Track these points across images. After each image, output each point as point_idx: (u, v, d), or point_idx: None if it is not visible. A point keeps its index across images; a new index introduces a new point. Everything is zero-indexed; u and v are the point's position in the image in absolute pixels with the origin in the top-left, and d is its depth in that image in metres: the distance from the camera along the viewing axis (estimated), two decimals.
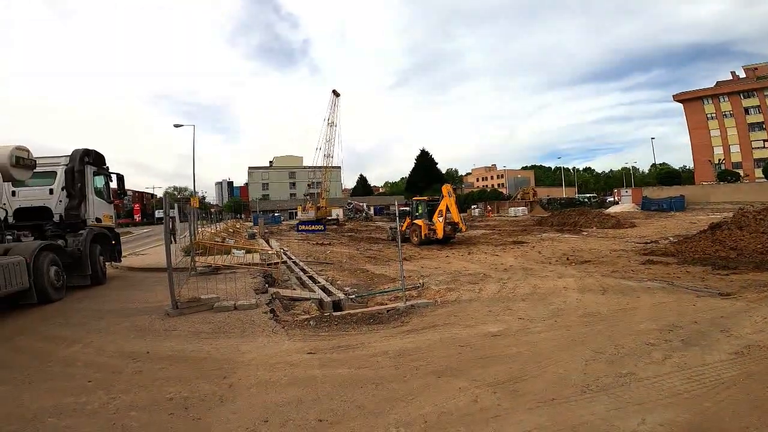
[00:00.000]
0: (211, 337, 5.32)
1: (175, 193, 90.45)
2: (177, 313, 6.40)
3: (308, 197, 55.85)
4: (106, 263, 10.58)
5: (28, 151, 8.05)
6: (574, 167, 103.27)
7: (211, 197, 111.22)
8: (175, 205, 10.83)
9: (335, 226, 37.92)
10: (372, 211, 62.11)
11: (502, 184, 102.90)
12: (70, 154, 9.62)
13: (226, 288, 7.71)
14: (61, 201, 9.37)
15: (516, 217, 43.54)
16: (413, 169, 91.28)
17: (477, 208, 57.00)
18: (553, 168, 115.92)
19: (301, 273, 11.39)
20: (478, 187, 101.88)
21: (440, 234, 17.92)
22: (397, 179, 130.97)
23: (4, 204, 8.34)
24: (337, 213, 52.27)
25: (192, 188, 50.36)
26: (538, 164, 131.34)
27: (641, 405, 3.15)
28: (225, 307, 6.68)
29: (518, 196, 58.87)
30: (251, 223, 44.83)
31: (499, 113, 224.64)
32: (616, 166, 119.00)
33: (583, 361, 4.12)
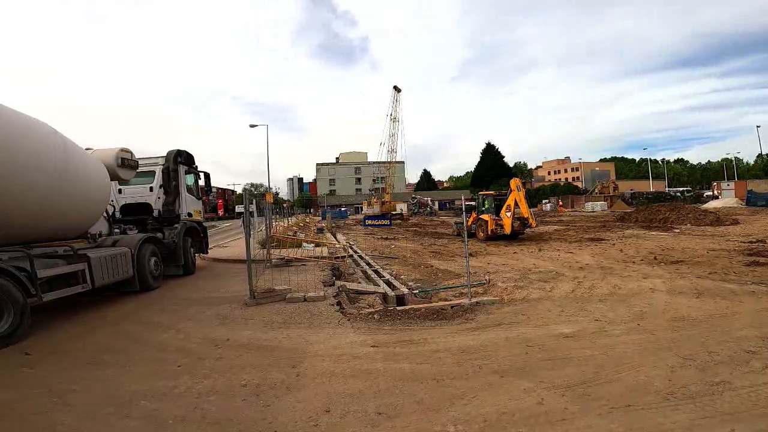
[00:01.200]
0: (283, 327, 5.65)
1: (252, 189, 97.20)
2: (254, 303, 6.89)
3: (373, 192, 56.78)
4: (196, 255, 11.62)
5: (130, 152, 9.07)
6: (664, 159, 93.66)
7: (284, 193, 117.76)
8: (254, 201, 11.59)
9: (399, 221, 38.19)
10: (436, 206, 61.57)
11: (577, 177, 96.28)
12: (165, 155, 10.66)
13: (297, 280, 8.13)
14: (159, 198, 10.41)
15: (593, 212, 40.53)
16: (478, 163, 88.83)
17: (549, 203, 53.96)
18: (637, 160, 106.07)
19: (367, 267, 11.66)
20: (549, 180, 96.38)
21: (508, 229, 17.26)
22: (462, 173, 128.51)
23: (113, 201, 9.43)
24: (401, 208, 52.58)
25: (266, 184, 53.72)
26: (618, 156, 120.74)
27: (732, 415, 2.86)
28: (296, 298, 7.05)
29: (596, 191, 54.73)
30: (319, 218, 46.72)
31: (569, 103, 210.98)
32: (715, 157, 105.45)
33: (669, 367, 3.78)
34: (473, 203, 21.03)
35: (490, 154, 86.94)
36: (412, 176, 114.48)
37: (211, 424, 3.11)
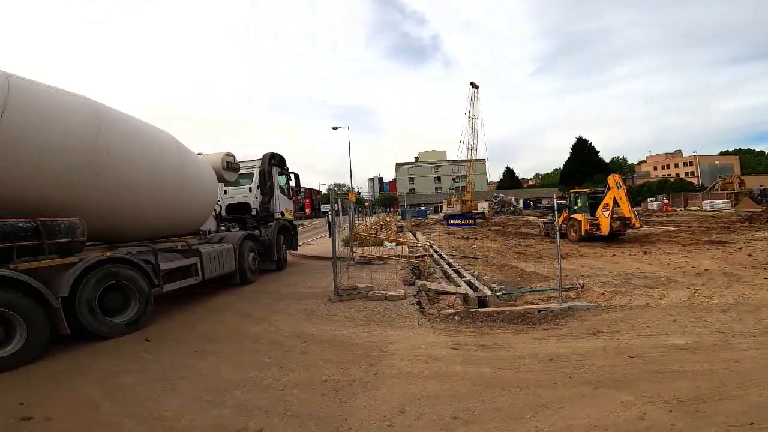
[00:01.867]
0: (364, 324, 5.75)
1: (336, 189, 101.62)
2: (338, 299, 7.15)
3: (453, 191, 55.84)
4: (287, 251, 12.39)
5: (233, 156, 10.00)
6: None
7: (365, 192, 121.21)
8: (339, 200, 12.07)
9: (481, 220, 37.00)
10: (520, 205, 58.44)
11: (691, 172, 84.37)
12: (261, 157, 11.54)
13: (379, 278, 8.27)
14: (256, 198, 11.30)
15: (713, 211, 35.13)
16: (569, 159, 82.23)
17: (656, 201, 48.07)
18: (767, 152, 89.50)
19: (447, 267, 11.45)
20: (656, 176, 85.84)
21: (605, 230, 15.73)
22: (549, 170, 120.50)
23: (219, 200, 10.40)
24: (482, 207, 50.93)
25: (349, 184, 55.84)
26: (742, 147, 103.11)
27: None
28: (377, 296, 7.16)
29: (717, 187, 47.52)
30: (399, 217, 47.23)
31: (674, 92, 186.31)
32: None
33: None
34: (564, 202, 19.56)
35: (582, 149, 79.98)
36: (494, 174, 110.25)
37: (292, 416, 3.23)
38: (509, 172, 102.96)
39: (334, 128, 37.63)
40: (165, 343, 5.24)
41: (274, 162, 11.55)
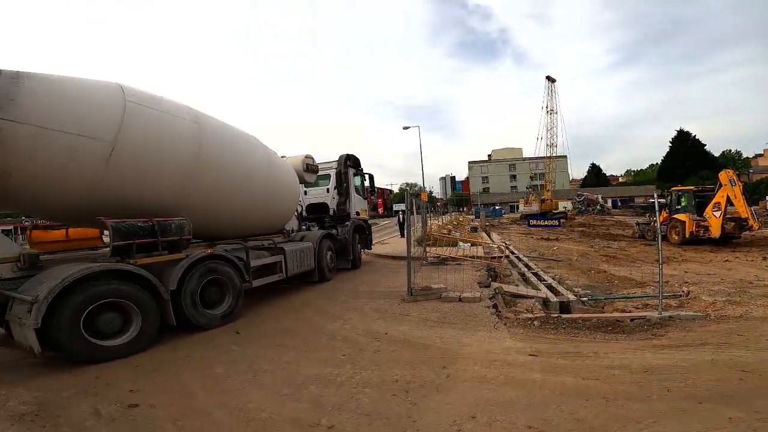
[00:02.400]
0: (437, 326, 5.69)
1: (407, 188, 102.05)
2: (411, 299, 7.17)
3: (530, 189, 53.10)
4: (362, 250, 12.71)
5: (312, 158, 10.54)
6: None
7: (437, 192, 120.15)
8: (413, 200, 12.15)
9: (563, 220, 34.68)
10: (609, 204, 53.66)
11: None
12: (337, 159, 11.98)
13: (453, 279, 8.13)
14: (333, 198, 11.75)
15: None
16: (668, 154, 73.30)
17: None
18: None
19: (525, 269, 10.92)
20: None
21: (716, 232, 13.86)
22: (644, 166, 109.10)
23: (300, 201, 10.96)
24: (564, 206, 47.72)
25: (420, 184, 55.78)
26: None
27: None
28: (451, 297, 7.06)
29: None
30: (473, 216, 46.07)
31: None
32: None
33: None
34: (663, 200, 17.60)
35: (683, 143, 70.88)
36: (577, 172, 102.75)
37: (362, 415, 3.28)
38: (595, 169, 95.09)
39: (405, 128, 37.83)
40: (252, 336, 5.55)
41: (350, 163, 11.91)
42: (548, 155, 46.17)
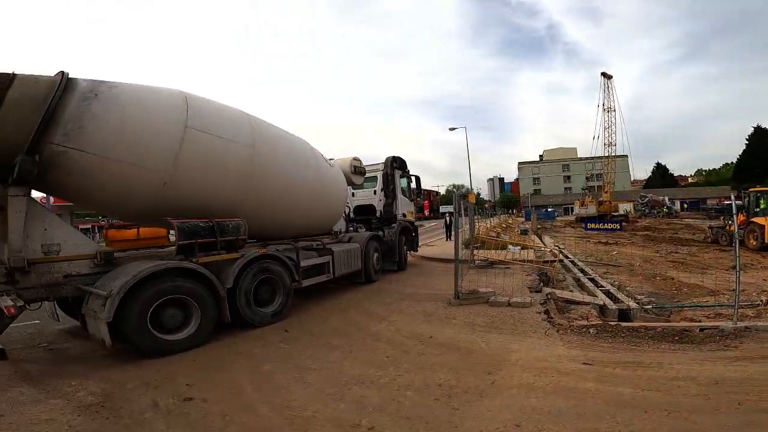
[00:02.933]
0: (484, 331, 5.54)
1: (454, 190, 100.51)
2: (457, 303, 7.03)
3: (587, 191, 50.31)
4: (408, 252, 12.73)
5: (360, 160, 10.72)
6: None
7: (484, 193, 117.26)
8: (462, 201, 11.98)
9: (624, 223, 32.52)
10: (676, 206, 49.53)
11: None
12: (383, 161, 12.06)
13: (501, 283, 7.88)
14: (380, 200, 11.82)
15: None
16: (744, 152, 66.29)
17: None
18: None
19: (580, 274, 10.35)
20: None
21: None
22: (717, 165, 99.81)
23: (348, 203, 11.09)
24: (625, 208, 44.72)
25: (467, 185, 54.84)
26: None
27: None
28: (499, 302, 6.85)
29: None
30: (523, 219, 44.47)
31: None
32: None
33: None
34: (740, 202, 16.02)
35: (762, 139, 63.79)
36: (640, 172, 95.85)
37: (403, 417, 3.25)
38: (660, 169, 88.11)
39: (451, 129, 37.35)
40: (300, 334, 5.69)
41: (396, 165, 11.95)
42: (606, 155, 43.56)
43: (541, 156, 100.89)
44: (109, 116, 4.72)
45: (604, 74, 42.40)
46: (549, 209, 60.91)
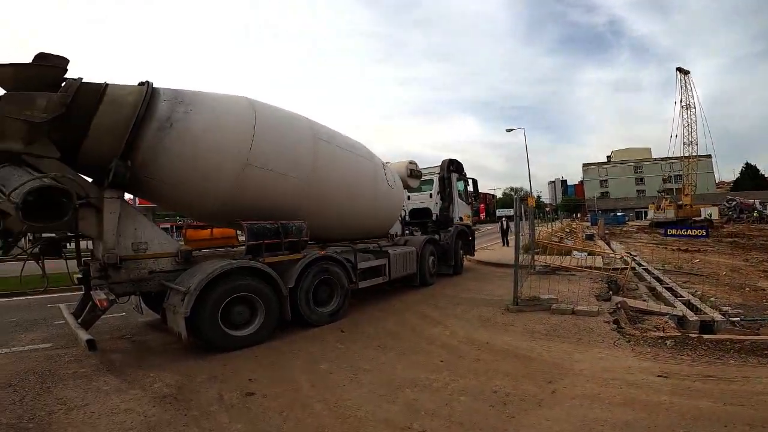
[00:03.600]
0: (545, 339, 5.31)
1: (512, 193, 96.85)
2: (516, 309, 6.80)
3: (663, 194, 46.23)
4: (464, 256, 12.49)
5: (416, 164, 10.73)
6: None
7: (545, 197, 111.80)
8: (522, 205, 11.60)
9: (708, 229, 29.40)
10: None
11: None
12: (440, 164, 11.97)
13: (565, 290, 7.49)
14: (437, 203, 11.74)
15: None
16: None
17: None
18: None
19: (656, 283, 9.54)
20: None
21: None
22: None
23: (404, 206, 11.16)
24: (708, 212, 40.44)
25: (527, 188, 52.77)
26: None
27: None
28: (562, 309, 6.52)
29: None
30: (588, 223, 41.87)
31: None
32: None
33: None
34: None
35: None
36: (727, 173, 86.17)
37: (455, 423, 3.18)
38: (750, 170, 78.54)
39: (508, 130, 36.35)
40: (355, 335, 5.75)
41: (453, 168, 11.83)
42: (686, 154, 39.88)
43: (609, 157, 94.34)
44: (187, 134, 5.11)
45: (680, 69, 39.24)
46: (618, 213, 56.74)
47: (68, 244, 5.56)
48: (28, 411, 3.50)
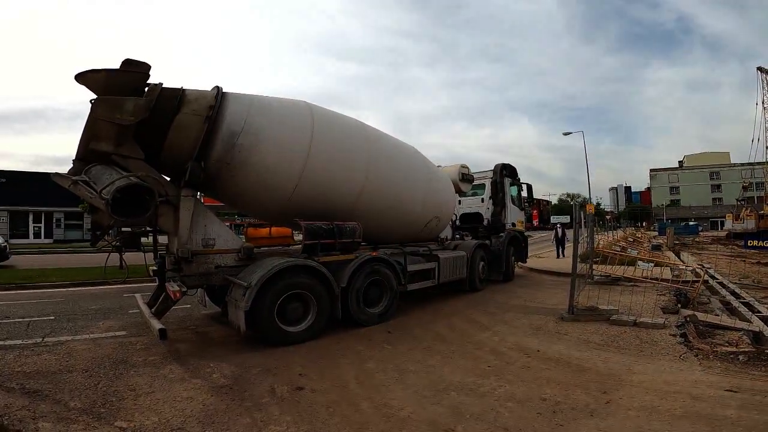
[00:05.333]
0: (601, 349, 5.08)
1: (568, 199, 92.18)
2: (571, 318, 6.53)
3: (743, 202, 41.89)
4: (516, 263, 12.18)
5: (468, 168, 10.59)
6: None
7: (605, 204, 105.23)
8: (580, 213, 11.05)
9: None
10: None
11: None
12: (493, 168, 11.79)
13: (627, 301, 7.11)
14: (488, 208, 11.57)
15: None
16: None
17: None
18: None
19: (731, 297, 8.67)
20: None
21: None
22: None
23: (456, 210, 10.97)
24: None
25: (586, 194, 49.98)
26: None
27: None
28: (623, 321, 6.18)
29: None
30: (655, 233, 38.87)
31: None
32: None
33: None
34: None
35: None
36: None
37: (500, 428, 3.13)
38: None
39: (565, 134, 35.02)
40: (402, 336, 5.81)
41: (506, 173, 11.61)
42: None
43: (680, 162, 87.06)
44: (253, 118, 5.42)
45: (760, 69, 35.67)
46: (691, 222, 52.13)
47: (146, 238, 6.08)
48: (101, 396, 3.74)
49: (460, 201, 11.53)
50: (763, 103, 36.24)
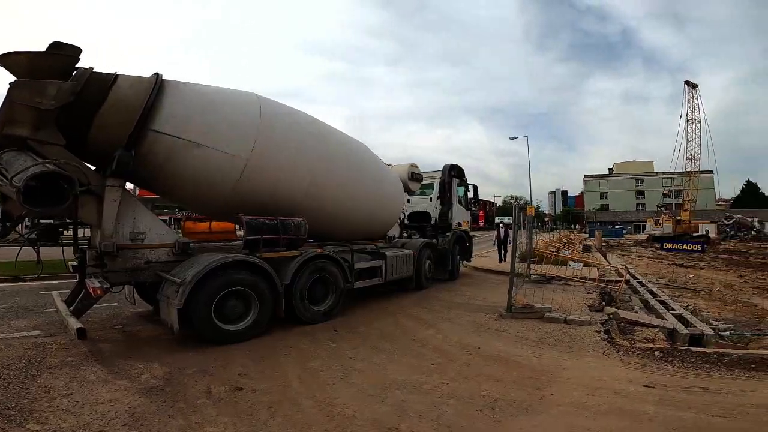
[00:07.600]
0: (536, 346, 5.33)
1: (512, 201, 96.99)
2: (510, 316, 6.83)
3: (663, 208, 46.37)
4: (461, 261, 12.46)
5: (417, 167, 10.67)
6: None
7: (544, 206, 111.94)
8: (520, 215, 11.54)
9: (705, 245, 29.47)
10: (766, 229, 44.01)
11: None
12: (441, 168, 11.96)
13: (559, 299, 7.52)
14: (436, 207, 11.73)
15: None
16: None
17: None
18: None
19: (649, 296, 9.57)
20: None
21: None
22: None
23: (404, 209, 11.08)
24: (706, 229, 40.59)
25: (527, 197, 52.78)
26: None
27: None
28: (555, 318, 6.54)
29: None
30: (586, 235, 41.92)
31: None
32: None
33: None
34: None
35: None
36: (728, 190, 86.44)
37: (443, 426, 3.19)
38: (751, 188, 78.69)
39: (512, 138, 36.39)
40: (348, 334, 5.77)
41: (454, 173, 11.83)
42: (688, 170, 40.03)
43: (610, 169, 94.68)
44: (195, 108, 5.18)
45: (688, 83, 39.48)
46: (617, 226, 56.85)
47: (65, 231, 5.57)
48: (11, 398, 3.47)
49: (409, 200, 11.63)
50: (687, 115, 40.09)
